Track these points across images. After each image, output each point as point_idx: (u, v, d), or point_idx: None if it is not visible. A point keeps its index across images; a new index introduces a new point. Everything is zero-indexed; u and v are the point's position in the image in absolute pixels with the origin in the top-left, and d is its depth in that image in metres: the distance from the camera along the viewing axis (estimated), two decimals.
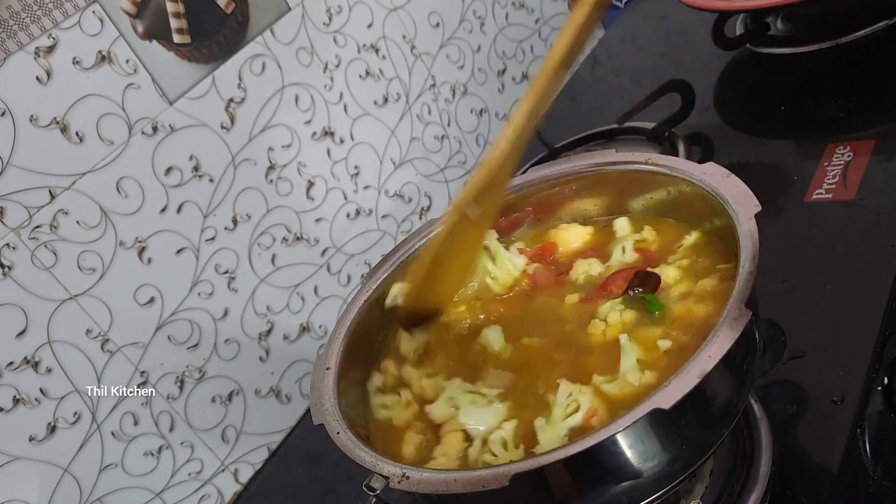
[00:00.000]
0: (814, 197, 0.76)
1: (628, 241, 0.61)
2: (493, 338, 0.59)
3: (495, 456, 0.49)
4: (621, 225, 0.62)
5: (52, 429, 0.73)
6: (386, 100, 1.03)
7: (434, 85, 1.10)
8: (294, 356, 0.93)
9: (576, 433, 0.49)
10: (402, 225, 1.06)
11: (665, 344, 0.51)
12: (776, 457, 0.57)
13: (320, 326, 0.95)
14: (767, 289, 0.50)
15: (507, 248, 0.65)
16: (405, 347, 0.61)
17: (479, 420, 0.52)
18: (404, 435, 0.54)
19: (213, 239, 0.84)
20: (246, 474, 0.88)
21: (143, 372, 0.79)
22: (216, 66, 0.84)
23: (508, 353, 0.58)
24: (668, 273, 0.56)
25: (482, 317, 0.62)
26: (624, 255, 0.60)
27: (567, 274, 0.62)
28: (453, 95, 1.13)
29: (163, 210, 0.80)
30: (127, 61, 0.77)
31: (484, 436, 0.51)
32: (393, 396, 0.57)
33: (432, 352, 0.61)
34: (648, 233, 0.61)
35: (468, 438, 0.52)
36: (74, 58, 0.74)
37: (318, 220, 0.95)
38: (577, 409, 0.50)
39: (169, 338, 0.81)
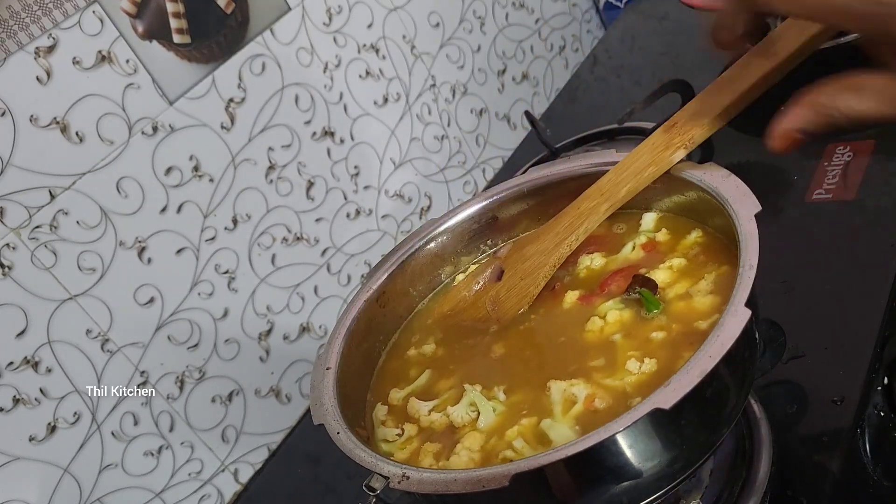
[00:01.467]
0: (814, 197, 0.76)
1: (641, 237, 0.61)
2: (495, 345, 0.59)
3: (516, 452, 0.50)
4: (647, 220, 0.63)
5: (52, 429, 0.73)
6: (386, 100, 1.03)
7: (434, 85, 1.10)
8: (294, 356, 0.93)
9: (582, 419, 0.49)
10: (402, 225, 1.06)
11: (660, 335, 0.52)
12: (776, 457, 0.57)
13: (320, 326, 0.95)
14: (767, 289, 0.50)
15: None
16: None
17: (494, 424, 0.53)
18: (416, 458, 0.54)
19: (213, 239, 0.84)
20: (246, 474, 0.88)
21: (143, 372, 0.79)
22: (216, 66, 0.84)
23: (510, 353, 0.58)
24: (666, 273, 0.56)
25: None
26: (633, 251, 0.61)
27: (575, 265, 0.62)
28: (453, 95, 1.13)
29: (163, 210, 0.80)
30: (127, 61, 0.77)
31: (500, 436, 0.52)
32: (394, 430, 0.56)
33: (447, 358, 0.61)
34: (663, 233, 0.61)
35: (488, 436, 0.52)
36: (74, 58, 0.74)
37: (318, 220, 0.95)
38: (574, 401, 0.50)
39: (169, 338, 0.81)
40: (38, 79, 0.72)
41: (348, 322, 0.61)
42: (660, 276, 0.56)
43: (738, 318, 0.43)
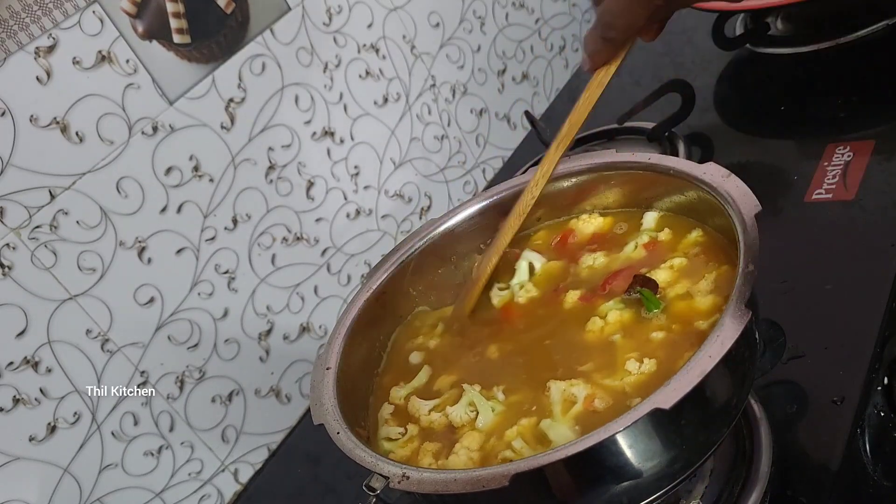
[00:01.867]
0: (814, 197, 0.76)
1: (643, 237, 0.61)
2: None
3: (515, 452, 0.50)
4: (648, 219, 0.63)
5: (52, 429, 0.73)
6: (386, 100, 1.03)
7: (434, 85, 1.10)
8: (294, 356, 0.93)
9: (582, 419, 0.49)
10: (402, 225, 1.06)
11: (660, 335, 0.51)
12: (776, 457, 0.57)
13: (320, 326, 0.95)
14: (767, 289, 0.50)
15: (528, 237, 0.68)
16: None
17: (493, 424, 0.53)
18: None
19: (213, 239, 0.84)
20: (246, 474, 0.88)
21: (143, 372, 0.79)
22: (216, 66, 0.84)
23: (510, 352, 0.58)
24: (667, 273, 0.56)
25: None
26: (635, 250, 0.60)
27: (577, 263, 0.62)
28: (453, 95, 1.13)
29: (163, 210, 0.80)
30: (127, 61, 0.77)
31: (500, 436, 0.52)
32: (397, 429, 0.57)
33: (447, 357, 0.61)
34: (665, 233, 0.60)
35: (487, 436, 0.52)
36: (74, 58, 0.74)
37: (318, 220, 0.95)
38: (574, 401, 0.50)
39: (169, 338, 0.81)
40: (38, 79, 0.72)
41: (348, 322, 0.61)
42: (661, 275, 0.56)
43: (738, 318, 0.43)
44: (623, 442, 0.43)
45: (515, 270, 0.65)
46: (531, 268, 0.65)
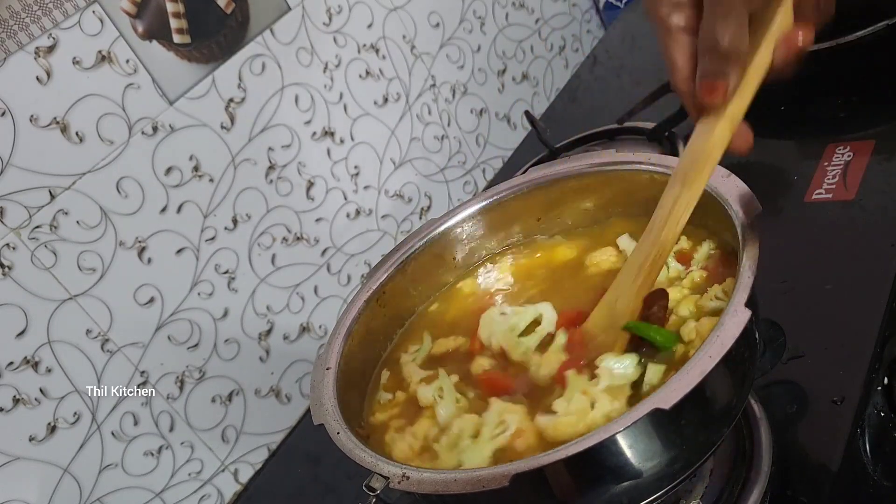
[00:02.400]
0: (814, 197, 0.76)
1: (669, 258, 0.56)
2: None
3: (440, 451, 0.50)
4: (625, 243, 0.60)
5: (52, 429, 0.73)
6: (386, 100, 1.03)
7: (434, 85, 1.10)
8: (294, 356, 0.93)
9: (500, 454, 0.48)
10: (402, 225, 1.06)
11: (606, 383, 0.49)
12: (776, 457, 0.57)
13: (320, 326, 0.95)
14: (767, 289, 0.50)
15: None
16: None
17: (451, 415, 0.53)
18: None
19: (213, 239, 0.84)
20: (246, 474, 0.88)
21: (143, 372, 0.79)
22: (216, 66, 0.84)
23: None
24: (678, 292, 0.54)
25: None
26: (668, 272, 0.56)
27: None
28: (453, 95, 1.13)
29: (163, 210, 0.80)
30: (127, 61, 0.77)
31: (446, 430, 0.52)
32: (387, 395, 0.58)
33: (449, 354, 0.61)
34: (683, 241, 0.57)
35: (439, 427, 0.53)
36: (74, 58, 0.74)
37: (318, 220, 0.95)
38: (504, 430, 0.49)
39: (169, 338, 0.81)
40: (38, 79, 0.72)
41: (348, 322, 0.61)
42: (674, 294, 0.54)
43: (737, 318, 0.43)
44: (623, 442, 0.43)
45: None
46: (534, 323, 0.56)
